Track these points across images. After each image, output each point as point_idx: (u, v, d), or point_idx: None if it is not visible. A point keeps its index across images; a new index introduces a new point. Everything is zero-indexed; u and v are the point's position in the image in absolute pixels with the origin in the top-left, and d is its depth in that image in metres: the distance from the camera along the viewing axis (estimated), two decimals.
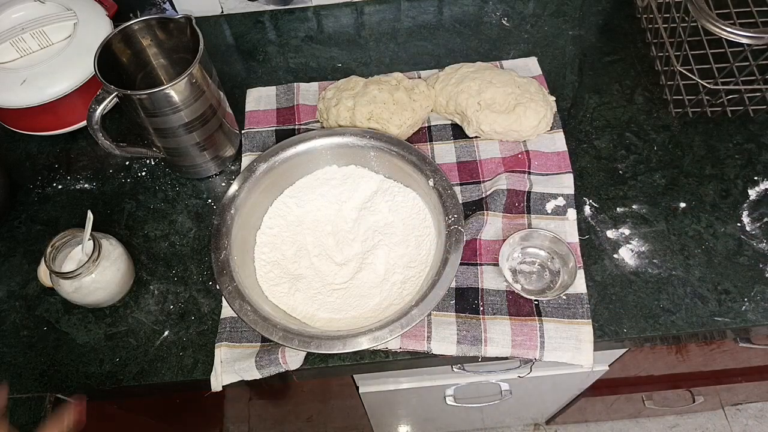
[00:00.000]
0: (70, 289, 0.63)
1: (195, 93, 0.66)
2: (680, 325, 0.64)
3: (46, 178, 0.79)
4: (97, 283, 0.64)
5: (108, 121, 0.83)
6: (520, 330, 0.62)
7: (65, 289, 0.64)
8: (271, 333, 0.60)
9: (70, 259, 0.67)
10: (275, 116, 0.81)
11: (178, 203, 0.76)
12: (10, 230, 0.75)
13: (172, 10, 0.91)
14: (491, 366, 0.85)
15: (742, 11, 0.83)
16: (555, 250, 0.67)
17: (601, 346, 0.64)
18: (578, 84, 0.83)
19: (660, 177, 0.74)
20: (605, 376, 0.96)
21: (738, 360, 1.01)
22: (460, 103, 0.75)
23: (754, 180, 0.73)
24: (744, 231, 0.69)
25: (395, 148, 0.71)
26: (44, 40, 0.78)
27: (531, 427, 1.53)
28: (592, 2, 0.92)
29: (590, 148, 0.77)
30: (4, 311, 0.69)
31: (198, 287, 0.69)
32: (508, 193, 0.71)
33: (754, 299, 0.65)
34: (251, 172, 0.70)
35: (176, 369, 0.64)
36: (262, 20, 0.94)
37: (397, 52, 0.88)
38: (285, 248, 0.70)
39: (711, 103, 0.76)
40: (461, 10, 0.92)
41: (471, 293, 0.65)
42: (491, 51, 0.87)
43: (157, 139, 0.71)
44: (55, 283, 0.64)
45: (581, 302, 0.64)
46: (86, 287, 0.63)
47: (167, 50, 0.72)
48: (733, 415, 1.52)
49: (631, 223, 0.70)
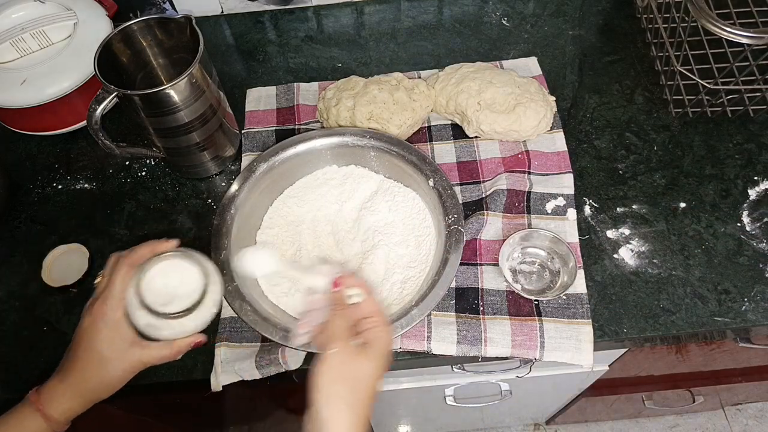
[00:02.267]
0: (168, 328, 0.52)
1: (195, 93, 0.66)
2: (680, 325, 0.64)
3: (46, 178, 0.79)
4: None
5: (108, 121, 0.83)
6: (520, 330, 0.62)
7: (164, 327, 0.51)
8: (271, 333, 0.60)
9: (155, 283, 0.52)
10: (275, 116, 0.81)
11: (178, 203, 0.76)
12: (10, 230, 0.75)
13: (172, 10, 0.91)
14: (491, 366, 0.85)
15: (742, 11, 0.83)
16: (555, 250, 0.67)
17: (601, 346, 0.64)
18: (578, 84, 0.83)
19: (660, 177, 0.74)
20: (605, 376, 0.96)
21: (738, 360, 1.01)
22: (460, 103, 0.75)
23: (754, 180, 0.73)
24: (744, 231, 0.69)
25: (395, 148, 0.71)
26: (44, 40, 0.78)
27: (531, 427, 1.53)
28: (592, 2, 0.92)
29: (590, 148, 0.77)
30: (4, 311, 0.69)
31: None
32: (508, 193, 0.71)
33: (754, 299, 0.65)
34: (251, 172, 0.70)
35: (176, 369, 0.64)
36: (262, 20, 0.94)
37: (397, 52, 0.88)
38: (285, 248, 0.70)
39: (711, 103, 0.76)
40: (461, 10, 0.92)
41: (471, 293, 0.65)
42: (491, 51, 0.87)
43: (157, 139, 0.71)
44: (141, 318, 0.51)
45: (581, 302, 0.64)
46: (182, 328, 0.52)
47: (167, 50, 0.72)
48: (733, 415, 1.52)
49: (631, 223, 0.70)
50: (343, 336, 0.47)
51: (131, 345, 0.51)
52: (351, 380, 0.45)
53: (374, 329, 0.48)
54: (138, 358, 0.51)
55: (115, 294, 0.51)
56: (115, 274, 0.52)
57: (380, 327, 0.49)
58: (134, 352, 0.51)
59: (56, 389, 0.50)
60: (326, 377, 0.45)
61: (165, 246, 0.54)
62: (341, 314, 0.49)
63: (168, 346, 0.53)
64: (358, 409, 0.45)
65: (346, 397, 0.44)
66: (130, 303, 0.51)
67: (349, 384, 0.45)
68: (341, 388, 0.45)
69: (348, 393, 0.45)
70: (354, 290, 0.51)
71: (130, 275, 0.52)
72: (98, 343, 0.50)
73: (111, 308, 0.50)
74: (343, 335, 0.47)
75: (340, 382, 0.45)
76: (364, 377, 0.46)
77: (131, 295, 0.51)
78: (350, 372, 0.45)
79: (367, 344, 0.48)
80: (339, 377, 0.45)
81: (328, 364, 0.46)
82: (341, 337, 0.47)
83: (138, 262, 0.53)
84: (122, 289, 0.51)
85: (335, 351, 0.46)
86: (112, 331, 0.50)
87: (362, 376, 0.46)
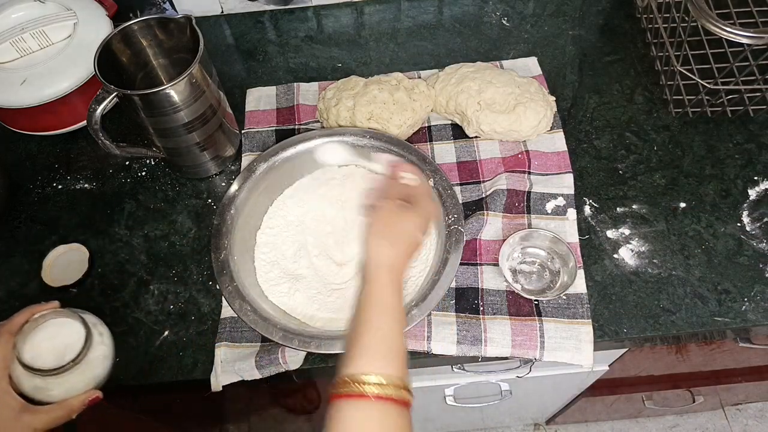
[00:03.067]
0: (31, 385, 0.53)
1: (195, 93, 0.66)
2: (680, 325, 0.64)
3: (46, 178, 0.79)
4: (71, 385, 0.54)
5: (108, 121, 0.83)
6: (520, 330, 0.62)
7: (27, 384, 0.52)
8: (271, 333, 0.60)
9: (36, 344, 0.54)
10: (275, 116, 0.81)
11: (178, 203, 0.76)
12: (10, 230, 0.75)
13: (172, 10, 0.91)
14: (491, 366, 0.85)
15: (742, 11, 0.83)
16: (555, 250, 0.67)
17: (601, 346, 0.64)
18: (578, 84, 0.83)
19: (660, 177, 0.74)
20: (605, 376, 0.96)
21: (738, 360, 1.01)
22: (460, 103, 0.75)
23: (754, 180, 0.73)
24: (744, 231, 0.69)
25: (395, 148, 0.71)
26: (44, 40, 0.78)
27: (531, 427, 1.53)
28: (592, 2, 0.92)
29: (590, 148, 0.77)
30: (4, 311, 0.69)
31: (198, 287, 0.69)
32: (508, 193, 0.71)
33: (754, 299, 0.65)
34: (251, 172, 0.70)
35: (176, 369, 0.64)
36: (262, 20, 0.94)
37: (397, 52, 0.88)
38: (285, 248, 0.70)
39: (711, 103, 0.76)
40: (461, 10, 0.92)
41: (471, 293, 0.65)
42: (491, 51, 0.87)
43: (157, 139, 0.71)
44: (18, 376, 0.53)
45: (581, 302, 0.64)
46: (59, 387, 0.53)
47: (167, 50, 0.72)
48: (733, 415, 1.52)
49: (631, 223, 0.70)
50: (392, 196, 0.54)
51: (20, 413, 0.50)
52: (395, 227, 0.52)
53: (420, 196, 0.55)
54: (28, 425, 0.50)
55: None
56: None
57: (426, 197, 0.56)
58: (24, 420, 0.50)
59: None
60: (375, 225, 0.52)
61: (43, 308, 0.55)
62: (394, 184, 0.56)
63: (60, 407, 0.52)
64: (398, 247, 0.51)
65: (389, 237, 0.51)
66: (14, 369, 0.52)
67: (394, 229, 0.51)
68: (387, 230, 0.51)
69: (391, 235, 0.51)
70: (408, 174, 0.57)
71: (11, 342, 0.52)
72: None
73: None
74: (392, 195, 0.54)
75: (385, 227, 0.52)
76: (405, 227, 0.52)
77: (14, 361, 0.52)
78: (395, 221, 0.52)
79: (413, 204, 0.54)
80: (385, 224, 0.52)
81: (378, 215, 0.52)
82: (390, 196, 0.54)
83: (16, 328, 0.53)
84: (3, 357, 0.51)
85: (384, 205, 0.53)
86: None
87: (404, 226, 0.52)
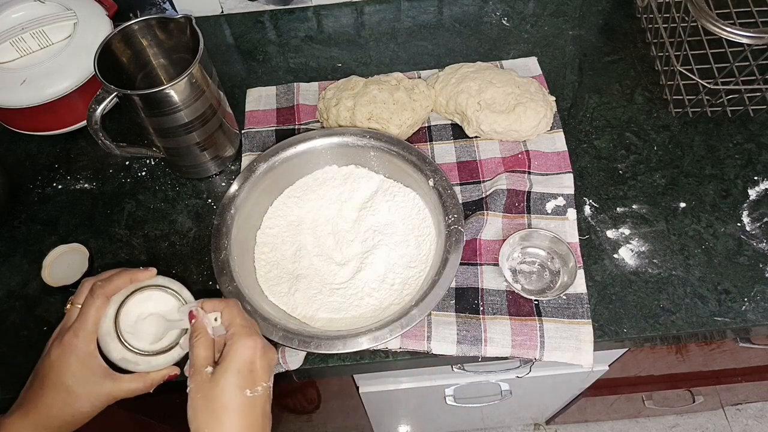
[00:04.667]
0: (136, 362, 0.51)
1: (195, 93, 0.66)
2: (680, 325, 0.64)
3: (46, 178, 0.79)
4: None
5: (108, 121, 0.83)
6: (520, 330, 0.62)
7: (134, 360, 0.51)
8: (271, 333, 0.60)
9: None
10: (275, 116, 0.81)
11: (178, 203, 0.76)
12: (10, 230, 0.75)
13: (172, 10, 0.91)
14: (491, 366, 0.85)
15: (742, 11, 0.83)
16: (555, 250, 0.67)
17: (601, 346, 0.64)
18: (578, 84, 0.83)
19: (660, 177, 0.74)
20: (605, 376, 0.96)
21: (738, 360, 1.01)
22: (460, 103, 0.75)
23: (754, 180, 0.73)
24: (744, 231, 0.69)
25: (395, 148, 0.71)
26: (44, 40, 0.78)
27: (531, 427, 1.53)
28: (592, 2, 0.92)
29: (590, 148, 0.77)
30: (4, 311, 0.69)
31: (198, 287, 0.69)
32: (508, 193, 0.71)
33: (754, 299, 0.65)
34: (251, 172, 0.70)
35: None
36: (262, 20, 0.94)
37: (397, 52, 0.88)
38: (285, 248, 0.70)
39: (711, 103, 0.76)
40: (461, 10, 0.92)
41: (471, 293, 0.65)
42: (491, 51, 0.87)
43: (157, 139, 0.71)
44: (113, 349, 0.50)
45: (581, 302, 0.64)
46: None
47: (167, 50, 0.72)
48: (733, 415, 1.52)
49: (631, 223, 0.70)
50: (202, 366, 0.46)
51: (102, 378, 0.49)
52: (210, 406, 0.45)
53: (229, 342, 0.47)
54: (108, 392, 0.49)
55: (88, 327, 0.48)
56: (89, 304, 0.49)
57: (235, 336, 0.47)
58: (105, 387, 0.49)
59: (18, 426, 0.47)
60: (189, 413, 0.45)
61: (143, 275, 0.52)
62: (199, 343, 0.48)
63: (141, 379, 0.51)
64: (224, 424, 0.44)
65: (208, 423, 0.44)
66: (104, 335, 0.49)
67: (209, 410, 0.45)
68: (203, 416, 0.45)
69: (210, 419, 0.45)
70: (216, 313, 0.49)
71: (105, 306, 0.50)
72: (68, 378, 0.47)
73: (83, 341, 0.48)
74: (201, 365, 0.46)
75: (201, 411, 0.45)
76: (221, 396, 0.45)
77: (106, 326, 0.49)
78: (207, 400, 0.45)
79: (223, 360, 0.46)
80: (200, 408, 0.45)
81: (190, 400, 0.46)
82: (198, 368, 0.46)
83: (114, 292, 0.51)
84: (96, 321, 0.49)
85: (191, 387, 0.46)
86: (83, 365, 0.48)
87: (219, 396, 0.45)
